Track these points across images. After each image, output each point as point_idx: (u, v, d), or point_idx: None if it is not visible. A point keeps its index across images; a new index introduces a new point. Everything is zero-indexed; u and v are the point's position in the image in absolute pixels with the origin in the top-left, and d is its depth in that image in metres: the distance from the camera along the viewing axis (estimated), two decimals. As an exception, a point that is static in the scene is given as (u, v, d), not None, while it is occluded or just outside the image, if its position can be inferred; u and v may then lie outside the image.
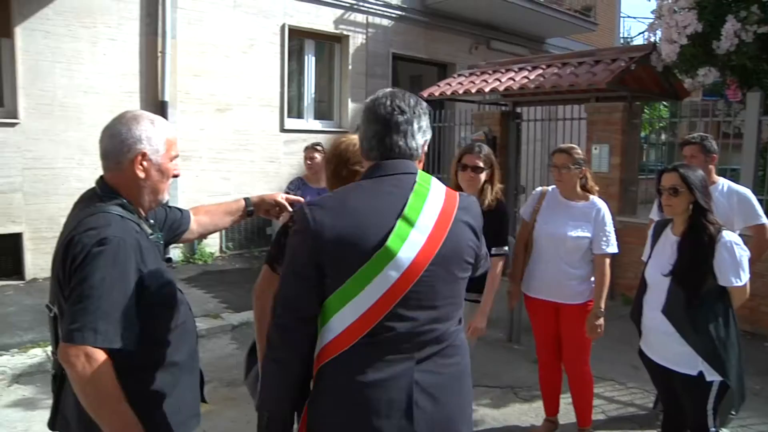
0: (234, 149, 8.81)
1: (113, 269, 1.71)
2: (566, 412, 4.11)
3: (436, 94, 8.73)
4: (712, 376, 2.92)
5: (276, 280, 2.14)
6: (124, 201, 1.88)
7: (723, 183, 4.07)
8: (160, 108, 7.97)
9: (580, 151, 3.79)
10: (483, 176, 3.68)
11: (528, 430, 4.06)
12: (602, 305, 3.74)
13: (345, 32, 10.11)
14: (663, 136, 8.81)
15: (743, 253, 2.91)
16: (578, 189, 3.79)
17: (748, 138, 6.50)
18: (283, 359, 1.79)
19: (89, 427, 1.74)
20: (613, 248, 3.74)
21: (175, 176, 2.00)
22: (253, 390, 2.45)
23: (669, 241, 3.13)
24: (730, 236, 2.92)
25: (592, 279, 3.79)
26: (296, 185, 4.99)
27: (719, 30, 6.52)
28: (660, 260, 3.11)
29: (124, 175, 1.88)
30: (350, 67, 10.20)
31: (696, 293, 2.92)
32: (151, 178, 1.91)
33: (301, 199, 2.59)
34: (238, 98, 8.88)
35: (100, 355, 1.66)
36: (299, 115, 9.95)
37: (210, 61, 8.58)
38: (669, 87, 8.06)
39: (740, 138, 6.64)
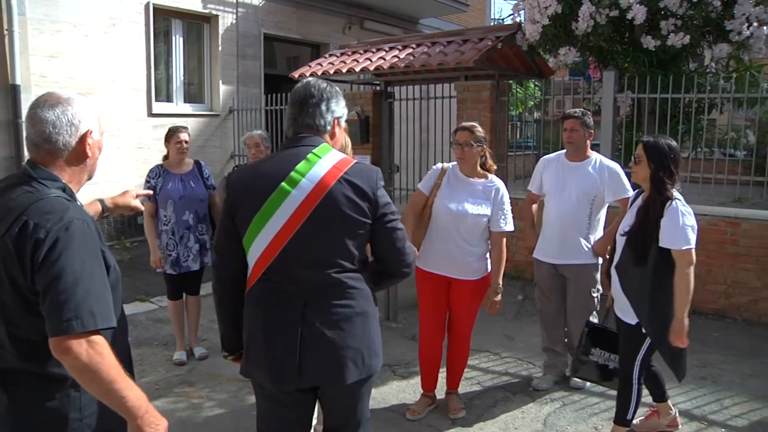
0: (98, 136, 8.30)
1: (87, 250, 1.73)
2: (442, 386, 4.20)
3: (307, 74, 8.60)
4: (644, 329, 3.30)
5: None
6: (65, 184, 1.85)
7: (596, 158, 4.28)
8: (11, 92, 7.38)
9: (481, 129, 3.86)
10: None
11: (405, 407, 4.11)
12: (500, 281, 3.87)
13: (214, 12, 9.74)
14: (535, 114, 9.15)
15: (687, 224, 3.14)
16: (478, 167, 3.84)
17: (605, 114, 6.87)
18: (216, 289, 2.37)
19: (31, 427, 1.77)
20: (510, 226, 3.85)
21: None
22: None
23: (635, 206, 3.46)
24: (678, 205, 3.17)
25: (487, 256, 3.90)
26: (157, 173, 4.75)
27: (577, 12, 6.82)
28: (624, 222, 3.47)
29: (70, 156, 1.87)
30: (220, 48, 9.86)
31: (641, 254, 3.23)
32: (93, 156, 1.93)
33: (151, 192, 2.88)
34: (101, 81, 8.37)
35: (100, 338, 1.68)
36: (168, 99, 9.52)
37: (67, 41, 8.00)
38: (534, 66, 8.34)
39: (600, 114, 7.00)
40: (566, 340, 4.53)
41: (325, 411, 2.49)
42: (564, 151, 4.38)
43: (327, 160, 2.22)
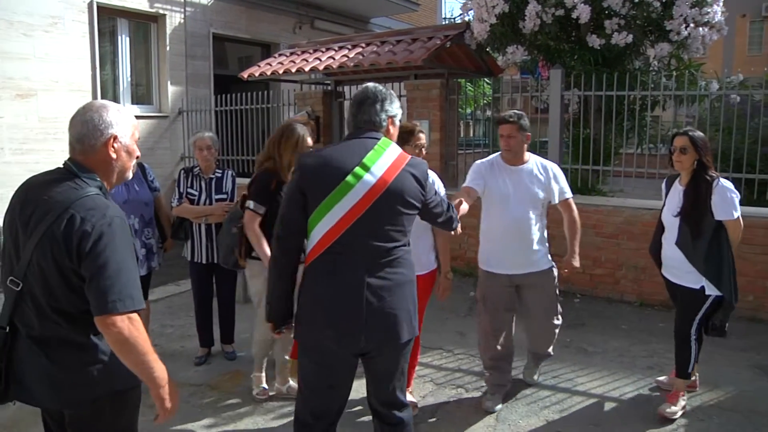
0: (41, 139, 8.07)
1: (125, 244, 2.07)
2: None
3: (256, 74, 8.53)
4: (711, 291, 3.84)
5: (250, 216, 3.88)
6: (101, 183, 2.16)
7: (536, 159, 4.09)
8: (-55, 94, 7.13)
9: (410, 123, 3.90)
10: None
11: (358, 408, 4.10)
12: (449, 267, 4.03)
13: (161, 11, 9.56)
14: (488, 112, 9.24)
15: (733, 196, 3.76)
16: None
17: (552, 112, 6.98)
18: (279, 259, 2.66)
19: (67, 383, 2.11)
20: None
21: (137, 158, 2.33)
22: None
23: (677, 190, 3.97)
24: (723, 183, 3.78)
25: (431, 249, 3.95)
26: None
27: (524, 11, 6.92)
28: (671, 205, 3.97)
29: (97, 156, 2.16)
30: (168, 48, 9.68)
31: (697, 228, 3.80)
32: (121, 159, 2.22)
33: None
34: (43, 82, 8.13)
35: (137, 317, 2.03)
36: (115, 100, 9.23)
37: (4, 39, 7.73)
38: (483, 64, 8.44)
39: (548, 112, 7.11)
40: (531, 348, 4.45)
41: (372, 375, 2.76)
42: (497, 154, 4.13)
43: (391, 152, 2.62)
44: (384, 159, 2.57)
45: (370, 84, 2.77)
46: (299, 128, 4.04)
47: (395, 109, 2.75)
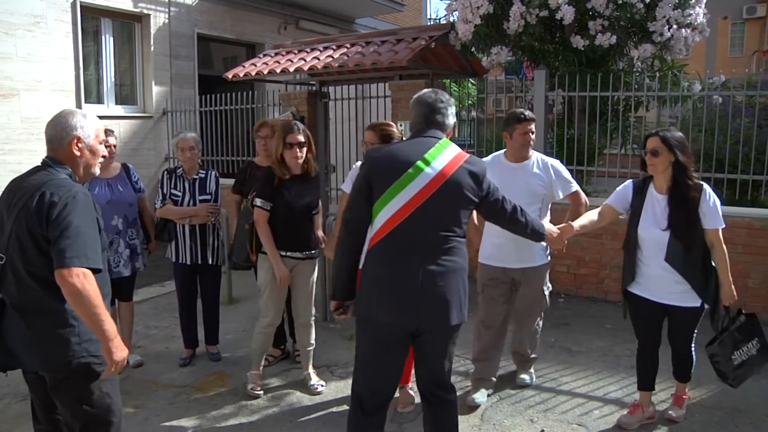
0: (24, 139, 7.99)
1: (87, 214, 2.42)
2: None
3: (241, 75, 8.48)
4: (708, 303, 3.63)
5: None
6: (71, 172, 2.55)
7: (537, 156, 4.15)
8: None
9: (393, 126, 4.05)
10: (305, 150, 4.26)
11: (346, 407, 4.10)
12: None
13: (145, 11, 9.50)
14: (473, 113, 9.25)
15: (718, 202, 3.55)
16: None
17: (536, 112, 6.97)
18: (345, 240, 2.91)
19: (43, 347, 2.43)
20: None
21: (104, 156, 2.73)
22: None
23: (655, 199, 3.63)
24: (708, 188, 3.54)
25: None
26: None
27: (508, 12, 6.94)
28: (653, 218, 3.61)
29: (65, 153, 2.55)
30: (152, 48, 9.61)
31: (694, 241, 3.52)
32: (84, 156, 2.59)
33: None
34: (26, 82, 8.04)
35: (90, 274, 2.33)
36: (99, 101, 9.22)
37: (-15, 40, 7.66)
38: (468, 65, 8.43)
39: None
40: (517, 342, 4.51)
41: (423, 356, 2.97)
42: (501, 152, 4.24)
43: (451, 150, 2.85)
44: (444, 155, 2.80)
45: (436, 90, 3.04)
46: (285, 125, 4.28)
47: (454, 114, 3.05)
